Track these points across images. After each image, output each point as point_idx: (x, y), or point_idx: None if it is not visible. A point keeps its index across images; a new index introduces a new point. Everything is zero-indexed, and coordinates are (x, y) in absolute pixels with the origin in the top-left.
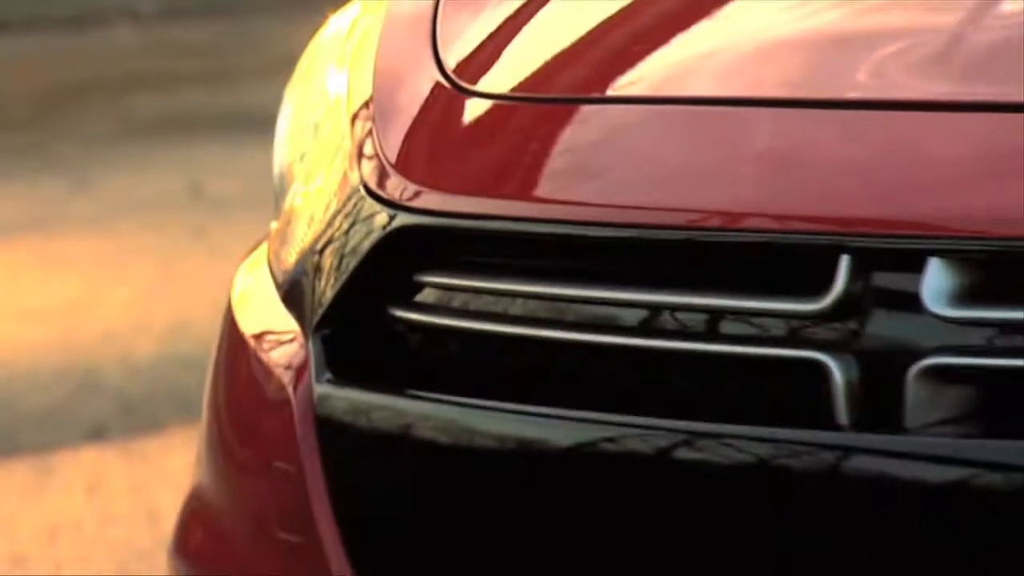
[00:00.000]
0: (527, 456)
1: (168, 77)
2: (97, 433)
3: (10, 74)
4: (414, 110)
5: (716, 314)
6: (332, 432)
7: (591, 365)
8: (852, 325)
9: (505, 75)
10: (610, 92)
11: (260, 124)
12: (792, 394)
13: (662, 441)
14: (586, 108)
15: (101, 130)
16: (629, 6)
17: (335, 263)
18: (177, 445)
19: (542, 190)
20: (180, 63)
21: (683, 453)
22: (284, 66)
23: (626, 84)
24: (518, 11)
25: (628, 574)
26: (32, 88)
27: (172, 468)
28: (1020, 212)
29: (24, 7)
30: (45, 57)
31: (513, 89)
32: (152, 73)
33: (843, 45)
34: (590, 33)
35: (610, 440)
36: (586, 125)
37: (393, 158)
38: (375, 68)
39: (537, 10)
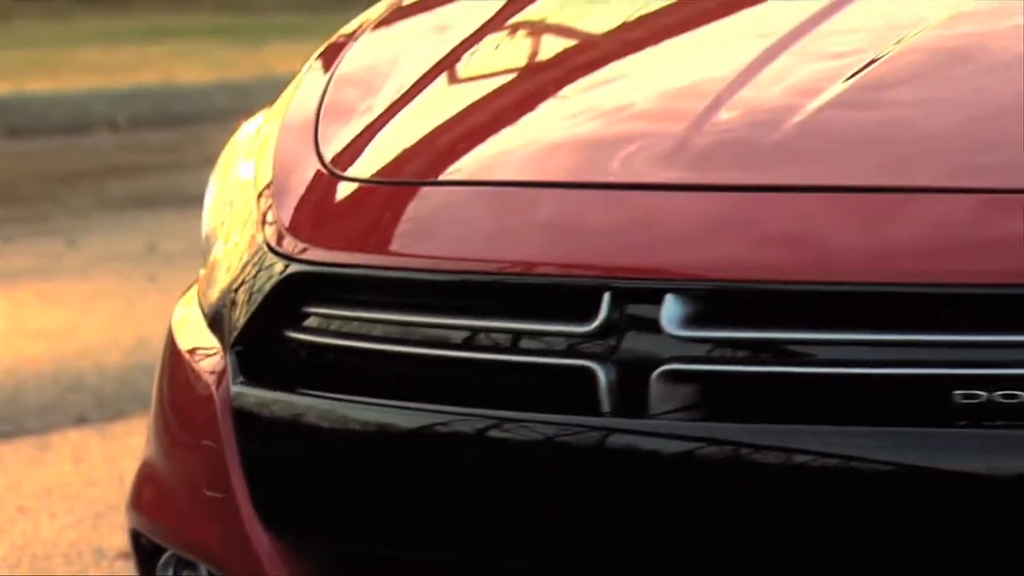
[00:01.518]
0: (381, 436)
1: (136, 168)
2: (81, 420)
3: (20, 165)
4: (301, 190)
5: (518, 334)
6: (244, 419)
7: (429, 370)
8: (612, 342)
9: (365, 166)
10: (441, 177)
11: (201, 201)
12: (571, 390)
13: (480, 424)
14: (423, 189)
15: (86, 204)
16: (453, 118)
17: (246, 299)
18: (138, 429)
19: (392, 247)
20: (145, 158)
21: (495, 432)
22: None
23: (451, 171)
24: (374, 120)
25: (451, 515)
26: (36, 175)
27: (135, 445)
28: (726, 263)
29: (31, 118)
30: (47, 153)
31: (371, 176)
32: (124, 165)
33: (604, 144)
34: (426, 136)
35: (442, 424)
36: (423, 201)
37: (287, 224)
38: (274, 160)
39: (388, 120)
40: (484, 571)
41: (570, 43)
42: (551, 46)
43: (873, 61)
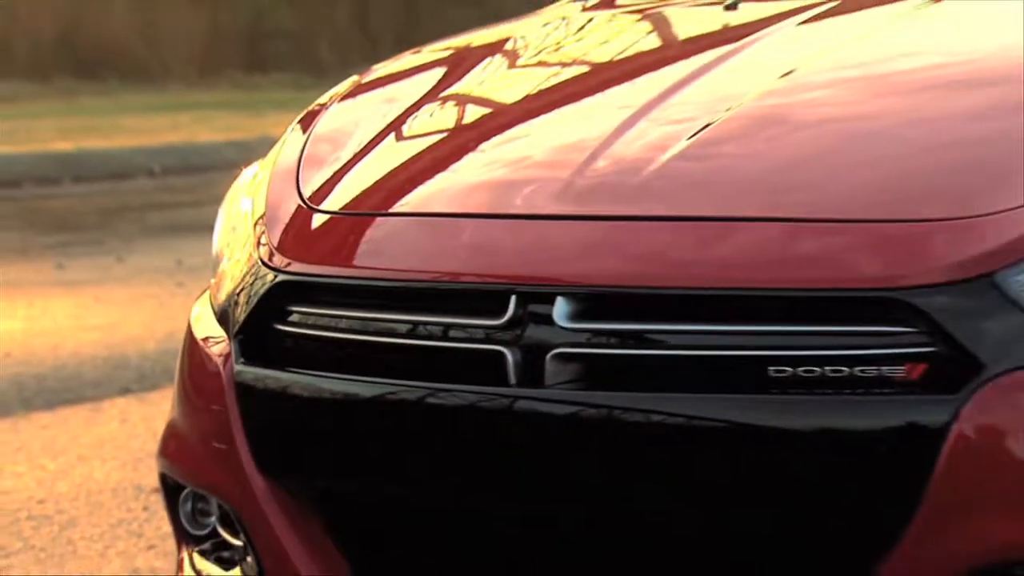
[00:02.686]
0: (347, 402)
1: (167, 204)
2: (125, 391)
3: (82, 203)
4: (286, 220)
5: (448, 326)
6: (244, 390)
7: (382, 353)
8: (517, 332)
9: (334, 202)
10: (390, 210)
11: (213, 228)
12: (487, 368)
13: (420, 393)
14: (377, 219)
15: (130, 231)
16: (399, 166)
17: (245, 300)
18: (168, 397)
19: (354, 262)
20: (174, 197)
21: (431, 399)
22: None
23: (398, 205)
24: (341, 168)
25: (398, 460)
26: (93, 210)
27: (166, 409)
28: (601, 273)
29: (90, 168)
30: (101, 194)
31: (339, 209)
32: (158, 202)
33: (510, 185)
34: (379, 180)
35: (392, 393)
36: (376, 228)
37: (276, 245)
38: (266, 197)
39: (351, 168)
40: (422, 500)
41: (486, 110)
42: (472, 112)
43: (707, 125)
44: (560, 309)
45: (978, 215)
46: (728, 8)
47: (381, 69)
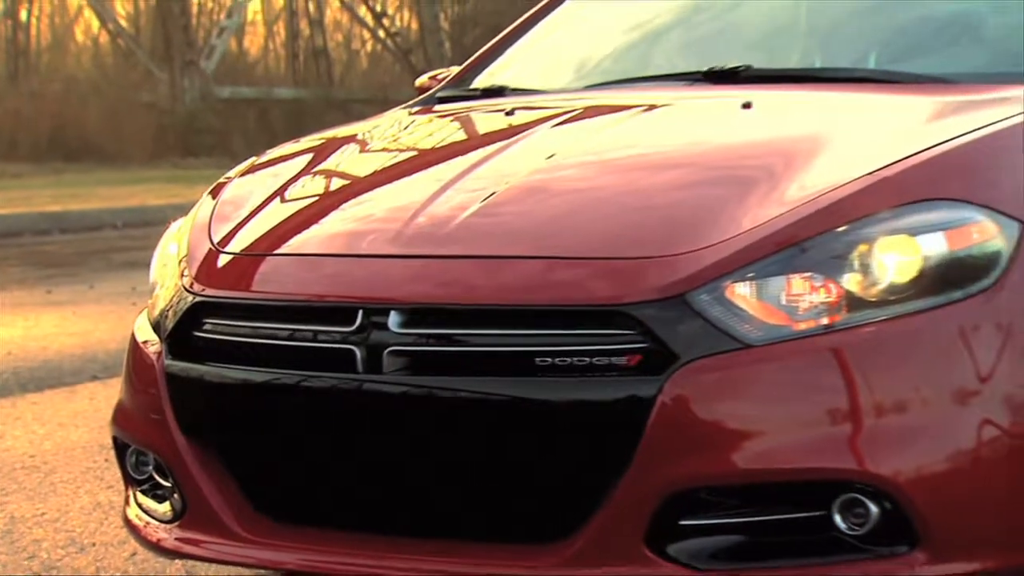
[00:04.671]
0: (244, 385)
1: (126, 248)
2: (94, 378)
3: (65, 248)
4: (201, 258)
5: (316, 332)
6: (171, 378)
7: (269, 351)
8: (363, 335)
9: (235, 246)
10: (274, 252)
11: None
12: (343, 361)
13: (297, 378)
14: (266, 257)
15: (100, 266)
16: (280, 222)
17: (173, 315)
18: None
19: (249, 288)
20: (131, 243)
21: (304, 383)
22: None
23: (280, 249)
24: (239, 223)
25: (278, 424)
26: (74, 252)
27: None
28: (421, 294)
29: (71, 223)
30: (79, 240)
31: (238, 251)
32: (120, 247)
33: (359, 233)
34: (266, 232)
35: (276, 379)
36: (264, 264)
37: (194, 276)
38: (188, 242)
39: (247, 223)
40: (295, 448)
41: (343, 182)
42: (333, 183)
43: (493, 193)
44: (393, 319)
45: (673, 254)
46: (508, 114)
47: (271, 153)
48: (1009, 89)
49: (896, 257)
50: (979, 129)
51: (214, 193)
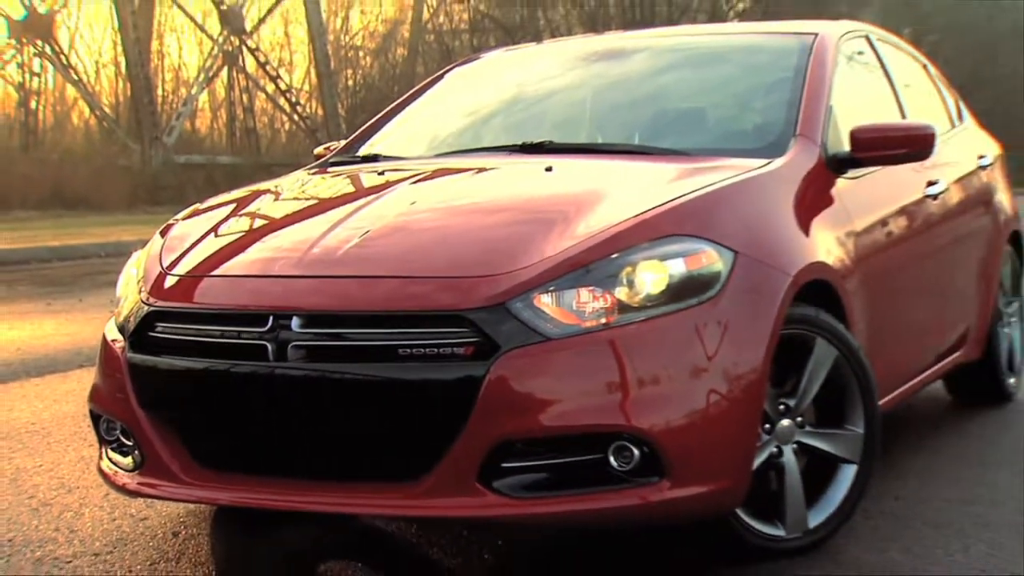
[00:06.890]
0: (187, 372)
1: (109, 271)
2: (81, 366)
3: (61, 271)
4: (154, 279)
5: (240, 332)
6: (133, 367)
7: (206, 347)
8: (274, 334)
9: (180, 269)
10: (209, 274)
11: None
12: (259, 353)
13: (227, 366)
14: (204, 278)
15: (88, 286)
16: (216, 252)
17: (133, 320)
18: None
19: (191, 300)
20: (113, 268)
21: (232, 370)
22: None
23: (214, 271)
24: (183, 252)
25: (211, 401)
26: (68, 275)
27: None
28: (316, 304)
29: (65, 253)
30: (73, 266)
31: (183, 273)
32: (104, 271)
33: (271, 259)
34: (204, 259)
35: (211, 367)
36: (202, 282)
37: (149, 291)
38: (144, 267)
39: (189, 252)
40: (225, 418)
41: (261, 222)
42: (254, 224)
43: (369, 230)
44: (295, 322)
45: (497, 274)
46: (380, 174)
47: (209, 201)
48: (725, 159)
49: (651, 275)
50: (707, 187)
51: (163, 232)
